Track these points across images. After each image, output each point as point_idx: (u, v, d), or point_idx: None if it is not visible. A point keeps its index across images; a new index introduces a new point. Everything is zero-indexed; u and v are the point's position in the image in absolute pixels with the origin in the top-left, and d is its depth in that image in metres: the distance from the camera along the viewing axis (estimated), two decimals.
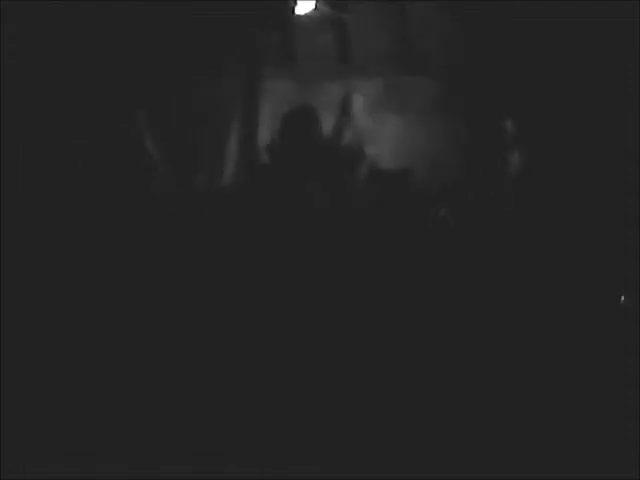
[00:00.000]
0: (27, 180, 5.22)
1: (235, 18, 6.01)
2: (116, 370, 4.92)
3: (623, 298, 5.21)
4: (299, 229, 5.38)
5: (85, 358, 4.95)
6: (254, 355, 5.00)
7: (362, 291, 5.21)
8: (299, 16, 6.09)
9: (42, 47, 5.36)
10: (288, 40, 6.24)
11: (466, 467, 4.54)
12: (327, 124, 6.07)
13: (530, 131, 5.67)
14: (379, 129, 6.15)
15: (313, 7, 6.09)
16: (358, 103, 6.13)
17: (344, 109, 6.14)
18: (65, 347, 4.97)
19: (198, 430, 4.72)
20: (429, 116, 6.07)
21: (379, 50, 6.18)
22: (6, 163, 5.17)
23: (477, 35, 5.89)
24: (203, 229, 5.41)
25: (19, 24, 5.40)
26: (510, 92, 5.79)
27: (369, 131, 6.14)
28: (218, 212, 5.56)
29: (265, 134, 6.04)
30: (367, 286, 5.24)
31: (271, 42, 6.18)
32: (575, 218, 5.57)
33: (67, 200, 5.34)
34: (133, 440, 4.63)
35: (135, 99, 5.74)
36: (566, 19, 5.58)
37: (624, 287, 5.20)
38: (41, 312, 5.04)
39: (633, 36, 5.37)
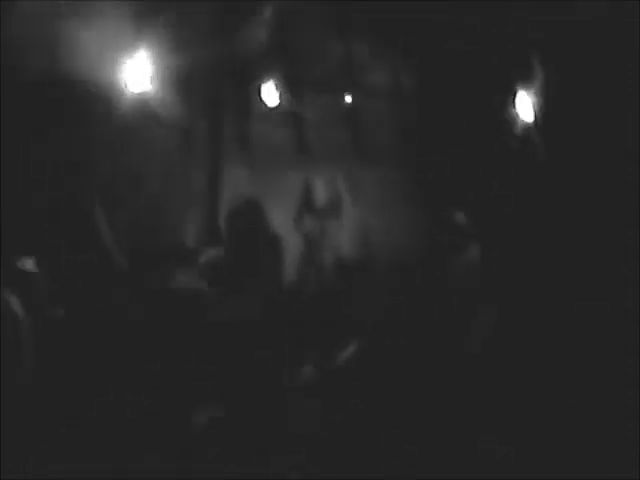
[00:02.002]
0: None
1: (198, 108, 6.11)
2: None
3: None
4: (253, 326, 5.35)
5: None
6: None
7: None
8: (261, 107, 6.21)
9: None
10: (250, 130, 6.36)
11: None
12: (285, 213, 6.21)
13: (483, 223, 5.85)
14: (337, 218, 6.29)
15: (277, 100, 6.23)
16: (317, 193, 6.27)
17: (304, 199, 6.27)
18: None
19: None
20: (384, 205, 6.24)
21: (335, 142, 6.33)
22: None
23: (430, 127, 6.10)
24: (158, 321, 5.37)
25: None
26: (464, 183, 5.96)
27: (328, 220, 6.27)
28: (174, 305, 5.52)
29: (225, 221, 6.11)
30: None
31: (232, 132, 6.29)
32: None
33: None
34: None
35: (93, 195, 5.68)
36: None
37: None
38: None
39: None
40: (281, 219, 6.09)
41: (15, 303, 4.55)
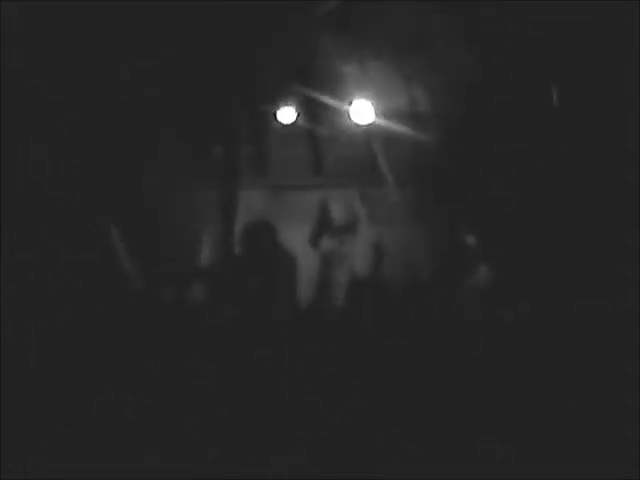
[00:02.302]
0: None
1: (212, 129, 6.13)
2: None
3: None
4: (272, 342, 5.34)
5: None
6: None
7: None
8: (276, 127, 6.23)
9: None
10: (265, 151, 6.39)
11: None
12: (302, 232, 6.24)
13: (494, 244, 5.89)
14: (352, 236, 6.29)
15: (293, 118, 6.26)
16: (333, 212, 6.31)
17: (321, 218, 6.30)
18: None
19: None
20: (398, 224, 6.26)
21: (350, 162, 6.35)
22: None
23: (442, 147, 6.12)
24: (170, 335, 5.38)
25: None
26: (477, 203, 6.00)
27: (344, 239, 6.28)
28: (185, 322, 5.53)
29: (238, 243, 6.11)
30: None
31: (247, 153, 6.32)
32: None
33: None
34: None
35: (110, 210, 5.74)
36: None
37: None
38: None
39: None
40: (297, 239, 6.16)
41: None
